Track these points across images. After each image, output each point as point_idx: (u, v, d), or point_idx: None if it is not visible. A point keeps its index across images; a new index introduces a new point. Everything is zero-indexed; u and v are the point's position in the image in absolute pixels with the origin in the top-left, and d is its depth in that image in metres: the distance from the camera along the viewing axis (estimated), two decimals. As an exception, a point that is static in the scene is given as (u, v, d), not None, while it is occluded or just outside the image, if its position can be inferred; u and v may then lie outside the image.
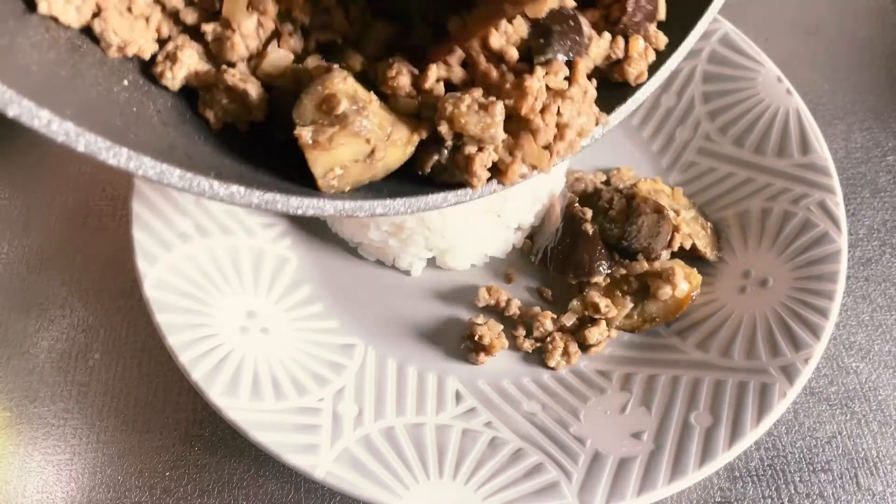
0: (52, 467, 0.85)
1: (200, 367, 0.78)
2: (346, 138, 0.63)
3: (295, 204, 0.62)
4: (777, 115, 1.01)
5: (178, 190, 0.56)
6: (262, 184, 0.62)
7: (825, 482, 0.86)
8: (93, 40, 0.62)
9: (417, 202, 0.69)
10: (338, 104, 0.62)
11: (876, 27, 1.32)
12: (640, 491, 0.74)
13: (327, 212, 0.64)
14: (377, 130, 0.64)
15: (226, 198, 0.58)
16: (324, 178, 0.64)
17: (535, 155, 0.69)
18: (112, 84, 0.61)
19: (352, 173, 0.65)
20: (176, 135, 0.62)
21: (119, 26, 0.62)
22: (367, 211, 0.66)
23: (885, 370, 0.94)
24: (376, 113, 0.64)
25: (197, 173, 0.57)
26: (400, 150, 0.67)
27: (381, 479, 0.74)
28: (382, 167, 0.67)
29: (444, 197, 0.70)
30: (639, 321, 0.90)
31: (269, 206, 0.61)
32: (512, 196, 0.96)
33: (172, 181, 0.55)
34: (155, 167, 0.54)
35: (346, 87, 0.63)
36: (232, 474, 0.85)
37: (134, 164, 0.53)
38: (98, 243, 1.03)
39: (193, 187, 0.56)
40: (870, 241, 1.06)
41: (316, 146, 0.62)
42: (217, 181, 0.58)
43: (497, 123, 0.65)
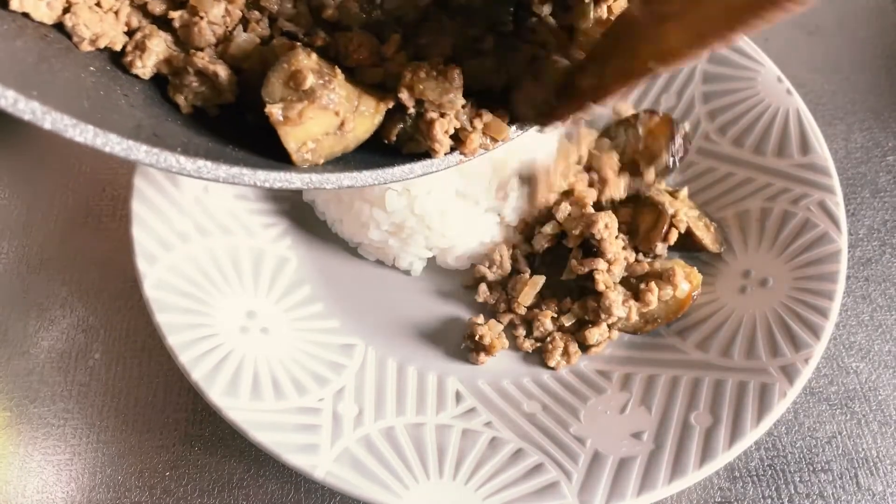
0: (52, 467, 0.85)
1: (200, 367, 0.78)
2: (315, 112, 0.64)
3: (262, 177, 0.63)
4: (777, 115, 1.01)
5: (146, 165, 0.57)
6: (230, 158, 0.63)
7: (825, 482, 0.86)
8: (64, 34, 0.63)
9: (384, 174, 0.71)
10: (304, 79, 0.63)
11: (876, 27, 1.32)
12: (640, 491, 0.74)
13: (295, 184, 0.65)
14: (345, 103, 0.66)
15: (193, 172, 0.59)
16: (297, 152, 0.66)
17: (495, 126, 0.71)
18: (79, 70, 0.62)
19: (324, 146, 0.67)
20: (143, 116, 0.63)
21: (90, 20, 0.63)
22: (334, 183, 0.68)
23: (885, 370, 0.94)
24: (342, 85, 0.66)
25: (163, 149, 0.58)
26: (368, 120, 0.69)
27: (381, 478, 0.74)
28: (353, 138, 0.69)
29: (410, 168, 0.72)
30: (640, 322, 0.90)
31: (236, 179, 0.62)
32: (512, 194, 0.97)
33: (139, 157, 0.56)
34: (121, 143, 0.55)
35: (310, 61, 0.64)
36: (232, 474, 0.85)
37: (101, 141, 0.54)
38: (98, 243, 1.03)
39: (160, 162, 0.58)
40: (870, 241, 1.06)
41: (287, 122, 0.64)
42: (183, 156, 0.59)
43: (455, 89, 0.67)
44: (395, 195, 0.92)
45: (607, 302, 0.87)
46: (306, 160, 0.67)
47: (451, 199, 0.93)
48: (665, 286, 0.88)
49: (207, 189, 0.94)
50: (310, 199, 1.02)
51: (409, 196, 0.92)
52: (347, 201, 0.96)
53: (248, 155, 0.66)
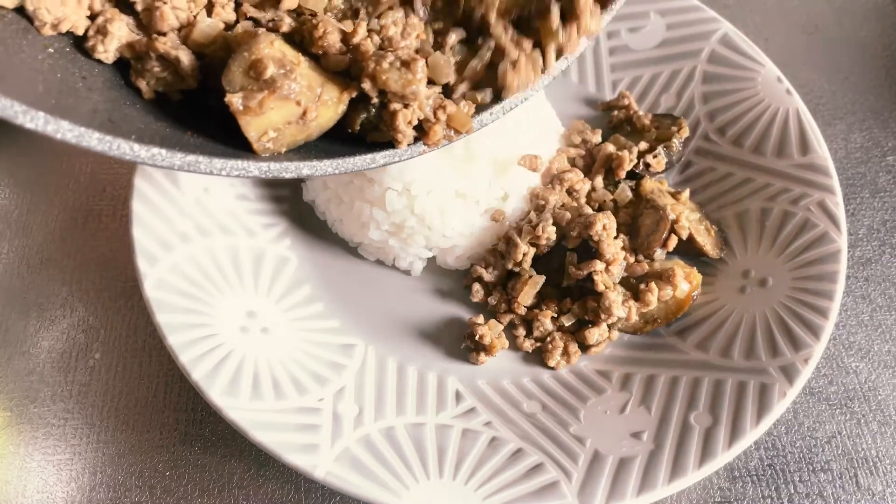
0: (52, 467, 0.85)
1: (201, 367, 0.78)
2: (276, 102, 0.64)
3: (219, 165, 0.63)
4: (777, 116, 1.01)
5: (99, 153, 0.57)
6: (187, 146, 0.63)
7: (825, 482, 0.86)
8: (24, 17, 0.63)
9: (345, 163, 0.71)
10: (265, 69, 0.63)
11: (876, 27, 1.32)
12: (640, 491, 0.74)
13: (252, 173, 0.65)
14: (307, 92, 0.65)
15: (147, 159, 0.59)
16: (258, 141, 0.66)
17: (458, 118, 0.71)
18: (36, 52, 0.62)
19: (286, 135, 0.67)
20: (100, 100, 0.63)
21: (51, 4, 0.63)
22: (293, 172, 0.67)
23: (885, 370, 0.94)
24: (305, 75, 0.65)
25: (116, 136, 0.57)
26: (332, 109, 0.69)
27: (381, 478, 0.74)
28: (316, 127, 0.69)
29: (371, 157, 0.72)
30: (640, 322, 0.90)
31: (192, 167, 0.62)
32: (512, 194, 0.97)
33: (91, 144, 0.56)
34: (73, 130, 0.55)
35: (272, 50, 0.64)
36: (232, 474, 0.85)
37: (52, 128, 0.54)
38: (98, 243, 1.03)
39: (113, 149, 0.57)
40: (869, 241, 1.06)
41: (247, 111, 0.63)
42: (137, 143, 0.59)
43: (419, 80, 0.67)
44: (395, 195, 0.92)
45: (607, 302, 0.87)
46: (268, 149, 0.66)
47: (451, 199, 0.93)
48: (665, 286, 0.88)
49: (208, 190, 0.95)
50: (310, 199, 1.02)
51: (409, 196, 0.92)
52: (348, 201, 0.96)
53: (206, 142, 0.65)
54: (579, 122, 1.08)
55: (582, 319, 0.91)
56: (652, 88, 1.11)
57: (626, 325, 0.90)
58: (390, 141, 0.71)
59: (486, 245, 0.97)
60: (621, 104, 1.10)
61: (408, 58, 0.68)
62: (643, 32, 1.12)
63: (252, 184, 1.00)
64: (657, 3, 1.13)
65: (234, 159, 0.64)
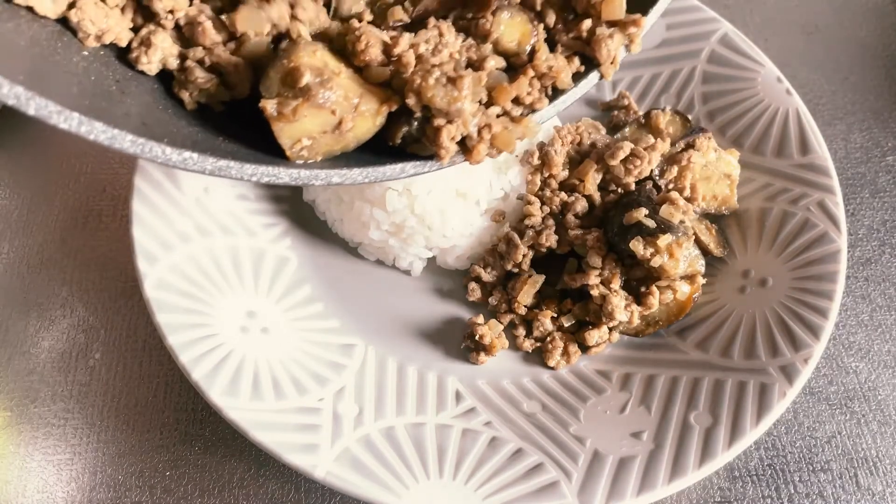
0: (52, 467, 0.85)
1: (201, 367, 0.78)
2: (309, 110, 0.64)
3: (249, 171, 0.63)
4: (777, 116, 1.01)
5: (132, 155, 0.58)
6: (218, 151, 0.63)
7: (825, 482, 0.86)
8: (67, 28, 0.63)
9: (375, 172, 0.71)
10: (301, 77, 0.63)
11: (876, 27, 1.32)
12: (640, 491, 0.74)
13: (283, 180, 0.65)
14: (343, 102, 0.65)
15: (178, 163, 0.60)
16: (291, 148, 0.66)
17: (503, 138, 0.71)
18: (71, 54, 0.62)
19: (321, 144, 0.67)
20: (134, 104, 0.63)
21: (95, 16, 0.63)
22: (323, 179, 0.67)
23: (885, 370, 0.94)
24: (343, 85, 0.65)
25: (149, 139, 0.58)
26: (369, 120, 0.68)
27: (381, 478, 0.74)
28: (353, 138, 0.68)
29: (401, 167, 0.72)
30: (642, 325, 0.90)
31: (222, 172, 0.62)
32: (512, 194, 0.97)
33: (125, 146, 0.57)
34: (106, 132, 0.55)
35: (313, 59, 0.64)
36: (232, 474, 0.85)
37: (85, 129, 0.54)
38: (98, 243, 1.03)
39: (145, 152, 0.58)
40: (869, 241, 1.06)
41: (280, 118, 0.64)
42: (169, 147, 0.59)
43: (464, 98, 0.67)
44: (396, 195, 0.92)
45: (609, 307, 0.86)
46: (302, 156, 0.66)
47: (451, 199, 0.93)
48: (665, 289, 0.88)
49: (208, 190, 0.95)
50: (310, 198, 1.02)
51: (409, 196, 0.92)
52: (348, 201, 0.96)
53: (239, 148, 0.66)
54: (588, 121, 1.07)
55: (582, 320, 0.91)
56: (652, 88, 1.11)
57: (627, 328, 0.90)
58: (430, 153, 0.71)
59: (486, 245, 0.97)
60: (621, 104, 1.10)
61: (454, 74, 0.67)
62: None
63: (252, 184, 1.00)
64: (657, 3, 1.13)
65: (265, 165, 0.64)
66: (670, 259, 0.84)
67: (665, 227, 0.85)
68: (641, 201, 0.89)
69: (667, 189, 0.94)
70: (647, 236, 0.85)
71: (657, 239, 0.84)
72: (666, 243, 0.84)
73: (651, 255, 0.84)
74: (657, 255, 0.84)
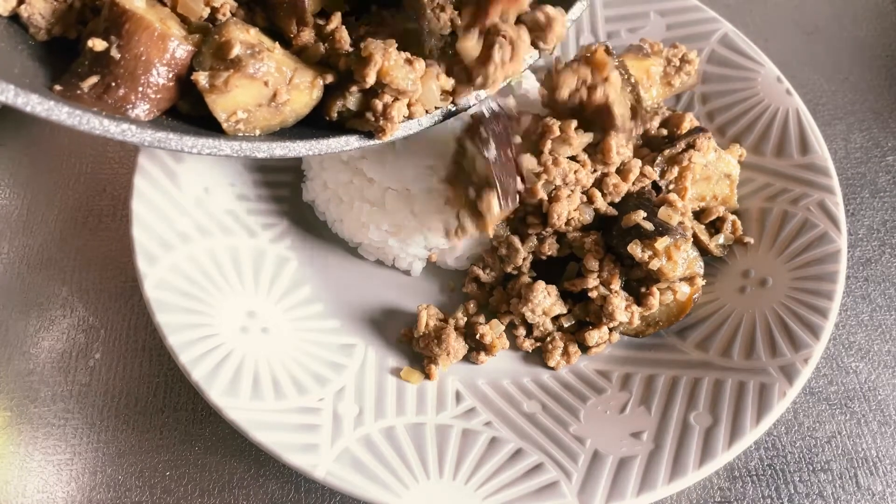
0: (52, 467, 0.85)
1: (201, 367, 0.78)
2: (241, 80, 0.65)
3: (189, 143, 0.64)
4: (777, 116, 1.01)
5: (68, 126, 0.58)
6: (158, 124, 0.64)
7: (825, 482, 0.86)
8: None
9: (319, 144, 0.71)
10: (231, 49, 0.64)
11: (876, 27, 1.32)
12: (640, 491, 0.74)
13: (224, 151, 0.66)
14: (275, 73, 0.66)
15: (117, 134, 0.60)
16: (227, 121, 0.66)
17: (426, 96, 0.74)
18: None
19: (258, 118, 0.67)
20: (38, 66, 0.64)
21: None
22: (265, 152, 0.68)
23: (885, 370, 0.94)
24: (275, 58, 0.66)
25: (86, 111, 0.58)
26: (305, 94, 0.69)
27: (381, 478, 0.74)
28: (291, 112, 0.69)
29: (346, 140, 0.73)
30: (642, 326, 0.90)
31: (162, 143, 0.62)
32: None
33: (61, 118, 0.57)
34: (42, 104, 0.56)
35: (245, 35, 0.65)
36: (232, 474, 0.85)
37: (21, 101, 0.55)
38: (98, 243, 1.03)
39: (83, 123, 0.58)
40: (869, 241, 1.06)
41: (213, 90, 0.64)
42: (108, 119, 0.59)
43: (418, 80, 0.71)
44: (395, 195, 0.92)
45: (610, 308, 0.86)
46: (238, 130, 0.67)
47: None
48: (665, 290, 0.88)
49: (208, 190, 0.95)
50: (310, 198, 1.02)
51: (409, 196, 0.92)
52: (347, 201, 0.96)
53: (180, 124, 0.66)
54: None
55: (582, 320, 0.91)
56: (652, 88, 1.11)
57: (627, 328, 0.90)
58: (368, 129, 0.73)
59: (485, 245, 0.97)
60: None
61: (410, 56, 0.70)
62: (643, 32, 1.12)
63: (252, 184, 1.00)
64: (657, 3, 1.13)
65: (205, 137, 0.65)
66: (668, 262, 0.84)
67: (663, 229, 0.85)
68: (640, 203, 0.89)
69: (667, 190, 0.94)
70: (646, 239, 0.84)
71: (655, 241, 0.84)
72: (664, 246, 0.84)
73: (649, 258, 0.84)
74: (655, 257, 0.84)
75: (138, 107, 0.64)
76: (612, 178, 0.90)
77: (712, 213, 0.95)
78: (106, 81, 0.62)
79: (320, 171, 0.99)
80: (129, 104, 0.63)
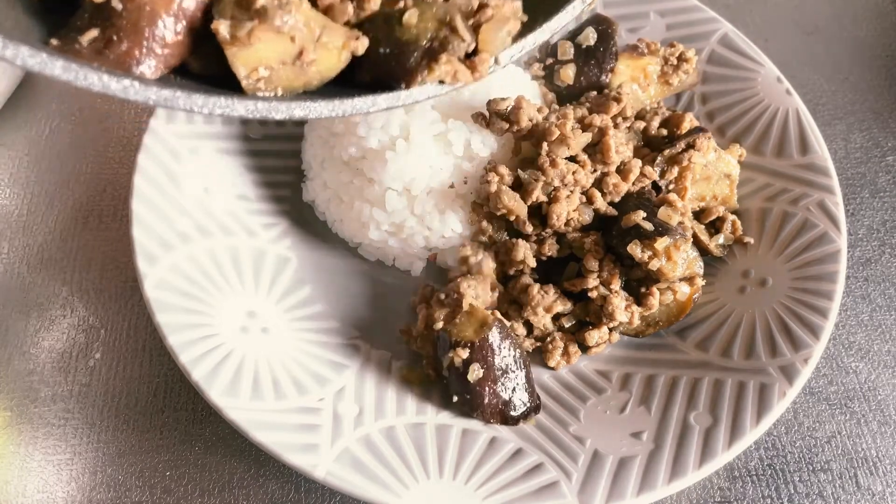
0: (52, 467, 0.85)
1: (201, 367, 0.78)
2: (266, 34, 0.59)
3: (199, 102, 0.59)
4: (776, 116, 1.01)
5: (64, 82, 0.53)
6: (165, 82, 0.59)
7: (825, 482, 0.86)
8: None
9: (343, 105, 0.66)
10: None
11: (876, 27, 1.32)
12: (640, 491, 0.74)
13: (237, 111, 0.60)
14: (303, 29, 0.60)
15: (118, 91, 0.55)
16: (247, 78, 0.60)
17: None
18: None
19: (280, 77, 0.62)
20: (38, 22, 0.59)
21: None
22: (283, 113, 0.62)
23: (885, 370, 0.94)
24: (303, 11, 0.60)
25: (83, 65, 0.54)
26: (333, 56, 0.63)
27: (381, 478, 0.74)
28: (316, 73, 0.63)
29: (373, 100, 0.67)
30: (642, 326, 0.90)
31: (168, 102, 0.57)
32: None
33: (55, 72, 0.53)
34: (34, 56, 0.52)
35: None
36: (232, 474, 0.85)
37: (10, 53, 0.51)
38: (98, 243, 1.03)
39: (80, 79, 0.54)
40: (869, 241, 1.06)
41: (234, 41, 0.58)
42: (108, 75, 0.55)
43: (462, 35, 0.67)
44: (395, 195, 0.92)
45: (610, 308, 0.86)
46: (259, 89, 0.61)
47: (452, 200, 0.93)
48: (665, 290, 0.88)
49: (208, 190, 0.95)
50: (310, 199, 1.02)
51: (409, 196, 0.92)
52: (347, 201, 0.96)
53: (189, 82, 0.61)
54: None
55: (582, 320, 0.91)
56: (652, 88, 1.11)
57: (627, 328, 0.90)
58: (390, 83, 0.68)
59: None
60: None
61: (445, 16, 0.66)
62: (643, 33, 1.12)
63: (252, 184, 1.00)
64: (657, 3, 1.13)
65: (216, 96, 0.59)
66: (668, 262, 0.84)
67: (663, 229, 0.85)
68: (640, 203, 0.89)
69: (667, 190, 0.94)
70: (645, 239, 0.84)
71: (655, 242, 0.84)
72: (664, 246, 0.84)
73: (649, 258, 0.84)
74: (655, 257, 0.84)
75: (143, 63, 0.58)
76: (611, 177, 0.90)
77: (712, 213, 0.95)
78: (107, 35, 0.56)
79: (320, 171, 0.99)
80: (132, 60, 0.57)
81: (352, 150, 0.93)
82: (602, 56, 1.02)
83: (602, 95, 1.00)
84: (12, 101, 1.15)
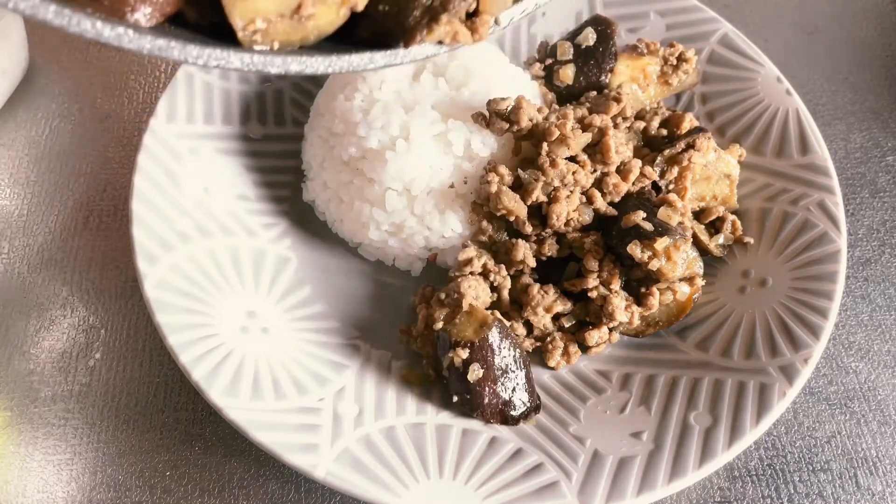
0: (52, 467, 0.85)
1: (201, 367, 0.78)
2: None
3: (194, 53, 0.58)
4: (776, 116, 1.01)
5: (56, 27, 0.52)
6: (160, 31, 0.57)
7: (825, 482, 0.86)
8: None
9: (340, 61, 0.65)
10: None
11: (876, 27, 1.32)
12: (640, 491, 0.74)
13: (233, 64, 0.60)
14: None
15: (112, 39, 0.54)
16: (244, 30, 0.60)
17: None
18: None
19: (277, 30, 0.61)
20: None
21: None
22: (279, 67, 0.62)
23: (885, 370, 0.94)
24: None
25: (76, 11, 0.52)
26: (332, 11, 0.62)
27: (381, 478, 0.74)
28: (314, 28, 0.63)
29: (370, 57, 0.67)
30: (642, 326, 0.90)
31: (162, 52, 0.56)
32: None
33: (47, 17, 0.51)
34: (26, 1, 0.51)
35: None
36: (232, 474, 0.85)
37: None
38: (98, 243, 1.03)
39: (72, 25, 0.52)
40: (869, 241, 1.06)
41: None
42: (102, 21, 0.53)
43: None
44: (395, 195, 0.92)
45: (610, 308, 0.86)
46: (254, 41, 0.61)
47: (452, 200, 0.93)
48: (665, 290, 0.88)
49: (208, 190, 0.95)
50: (310, 199, 1.02)
51: (409, 196, 0.92)
52: (347, 201, 0.96)
53: (185, 32, 0.60)
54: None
55: (582, 320, 0.91)
56: (652, 88, 1.11)
57: (627, 329, 0.90)
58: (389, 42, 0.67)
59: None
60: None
61: None
62: (643, 33, 1.12)
63: (252, 184, 1.00)
64: (657, 3, 1.13)
65: (212, 47, 0.58)
66: (668, 262, 0.84)
67: (663, 229, 0.85)
68: (640, 204, 0.89)
69: (667, 190, 0.94)
70: (645, 239, 0.84)
71: (655, 242, 0.84)
72: (664, 246, 0.84)
73: (649, 259, 0.84)
74: (655, 258, 0.84)
75: (138, 10, 0.57)
76: (611, 178, 0.90)
77: (712, 213, 0.95)
78: None
79: (320, 171, 0.99)
80: (127, 7, 0.56)
81: (352, 150, 0.93)
82: (601, 56, 1.02)
83: (602, 95, 1.00)
84: (12, 101, 1.15)
